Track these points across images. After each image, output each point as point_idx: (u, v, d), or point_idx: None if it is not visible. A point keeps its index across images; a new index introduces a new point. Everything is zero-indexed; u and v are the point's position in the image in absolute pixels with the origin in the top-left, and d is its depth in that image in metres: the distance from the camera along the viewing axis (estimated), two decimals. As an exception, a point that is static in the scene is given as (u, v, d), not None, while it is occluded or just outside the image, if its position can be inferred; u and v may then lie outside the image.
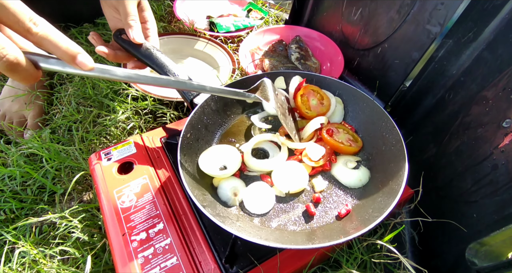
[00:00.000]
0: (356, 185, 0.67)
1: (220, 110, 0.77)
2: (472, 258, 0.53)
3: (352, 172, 0.68)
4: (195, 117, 0.70)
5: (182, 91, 0.72)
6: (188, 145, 0.66)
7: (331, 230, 0.59)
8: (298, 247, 0.50)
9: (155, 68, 0.71)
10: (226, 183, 0.66)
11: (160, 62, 0.71)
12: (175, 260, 0.56)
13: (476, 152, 0.62)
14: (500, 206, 0.53)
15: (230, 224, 0.54)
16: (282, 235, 0.58)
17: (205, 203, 0.56)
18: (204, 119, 0.72)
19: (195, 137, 0.69)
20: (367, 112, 0.75)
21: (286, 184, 0.65)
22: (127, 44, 0.72)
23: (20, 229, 0.73)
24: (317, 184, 0.67)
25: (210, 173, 0.65)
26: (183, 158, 0.62)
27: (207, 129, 0.74)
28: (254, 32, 1.13)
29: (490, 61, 0.64)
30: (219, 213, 0.57)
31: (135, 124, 0.88)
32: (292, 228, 0.61)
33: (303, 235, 0.59)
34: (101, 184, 0.67)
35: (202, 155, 0.67)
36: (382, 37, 0.87)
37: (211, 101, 0.74)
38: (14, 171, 0.79)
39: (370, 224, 0.52)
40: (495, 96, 0.61)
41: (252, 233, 0.54)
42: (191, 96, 0.72)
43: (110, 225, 0.61)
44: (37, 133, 0.89)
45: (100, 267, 0.64)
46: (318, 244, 0.51)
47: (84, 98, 0.96)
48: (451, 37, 0.71)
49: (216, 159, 0.68)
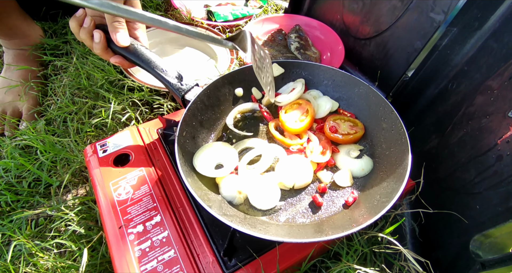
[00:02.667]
0: (359, 174, 0.67)
1: (214, 105, 0.74)
2: (476, 250, 0.53)
3: (354, 161, 0.67)
4: (189, 114, 0.67)
5: (172, 89, 0.68)
6: (185, 144, 0.64)
7: (341, 220, 0.58)
8: (313, 240, 0.49)
9: (140, 64, 0.66)
10: (227, 182, 0.64)
11: (146, 58, 0.66)
12: (173, 253, 0.55)
13: (480, 143, 0.60)
14: (504, 197, 0.52)
15: (239, 223, 0.53)
16: (292, 228, 0.57)
17: (210, 203, 0.55)
18: (198, 116, 0.70)
19: (191, 134, 0.67)
20: (363, 98, 0.74)
21: (291, 178, 0.64)
22: (109, 41, 0.66)
23: (15, 222, 0.72)
24: (323, 176, 0.66)
25: (207, 174, 0.63)
26: (181, 159, 0.60)
27: (203, 126, 0.71)
28: (253, 21, 1.11)
29: (496, 50, 0.63)
30: (225, 212, 0.56)
31: (131, 115, 0.87)
32: (301, 220, 0.60)
33: (313, 227, 0.58)
34: (97, 176, 0.66)
35: (196, 155, 0.65)
36: (384, 26, 0.85)
37: (204, 96, 0.70)
38: (9, 163, 0.78)
39: (381, 210, 0.52)
40: (501, 85, 0.59)
41: (262, 229, 0.54)
42: (182, 93, 0.68)
43: (106, 218, 0.59)
44: (32, 124, 0.87)
45: (97, 259, 0.64)
46: (330, 235, 0.50)
47: (79, 89, 0.94)
48: (455, 25, 0.69)
49: (211, 158, 0.66)
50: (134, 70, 0.94)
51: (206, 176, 0.63)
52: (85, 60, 0.98)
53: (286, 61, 0.80)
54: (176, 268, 0.54)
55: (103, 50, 0.66)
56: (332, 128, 0.72)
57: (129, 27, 0.67)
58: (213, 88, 0.73)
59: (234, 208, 0.61)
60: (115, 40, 0.63)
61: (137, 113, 0.89)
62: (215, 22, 1.16)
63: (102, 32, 0.64)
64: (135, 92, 0.91)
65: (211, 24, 1.14)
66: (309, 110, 0.73)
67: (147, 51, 0.67)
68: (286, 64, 0.80)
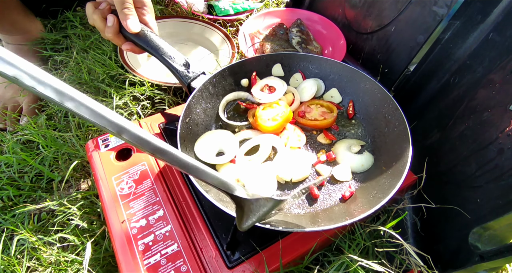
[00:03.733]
0: (358, 170, 0.67)
1: (219, 94, 0.75)
2: (475, 242, 0.53)
3: (355, 157, 0.67)
4: (193, 101, 0.68)
5: (179, 75, 0.69)
6: (188, 130, 0.65)
7: (336, 212, 0.58)
8: (303, 230, 0.50)
9: (150, 51, 0.68)
10: (226, 170, 0.64)
11: (155, 45, 0.68)
12: (176, 247, 0.56)
13: (481, 136, 0.60)
14: (505, 190, 0.53)
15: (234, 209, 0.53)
16: (286, 218, 0.58)
17: (208, 188, 0.55)
18: (203, 104, 0.71)
19: (194, 121, 0.68)
20: (369, 94, 0.74)
21: (289, 172, 0.64)
22: (120, 27, 0.68)
23: (18, 216, 0.72)
24: (322, 170, 0.66)
25: (207, 161, 0.63)
26: (183, 143, 0.61)
27: (206, 114, 0.72)
28: (254, 15, 1.10)
29: (498, 43, 0.62)
30: (222, 198, 0.57)
31: (133, 110, 0.86)
32: (296, 211, 0.61)
33: (307, 217, 0.58)
34: (99, 171, 0.66)
35: (198, 141, 0.66)
36: (386, 20, 0.85)
37: (209, 85, 0.72)
38: (11, 158, 0.78)
39: (376, 205, 0.52)
40: (503, 79, 0.59)
41: None
42: (189, 80, 0.69)
43: (109, 212, 0.60)
44: (33, 119, 0.87)
45: (100, 253, 0.64)
46: (323, 226, 0.50)
47: (80, 83, 0.93)
48: (458, 18, 0.68)
49: (212, 145, 0.67)
50: (135, 65, 0.94)
51: (207, 163, 0.63)
52: (86, 54, 0.98)
53: (293, 53, 0.81)
54: (180, 262, 0.54)
55: (114, 35, 0.68)
56: (300, 113, 0.74)
57: (139, 13, 0.69)
58: (219, 77, 0.74)
59: None
60: (126, 26, 0.65)
61: (139, 108, 0.89)
62: (216, 16, 1.15)
63: (116, 17, 0.67)
64: (136, 87, 0.91)
65: (212, 18, 1.13)
66: (284, 113, 0.71)
67: (157, 38, 0.69)
68: (292, 56, 0.81)
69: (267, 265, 0.54)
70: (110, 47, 0.99)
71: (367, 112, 0.75)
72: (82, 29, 1.07)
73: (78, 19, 1.10)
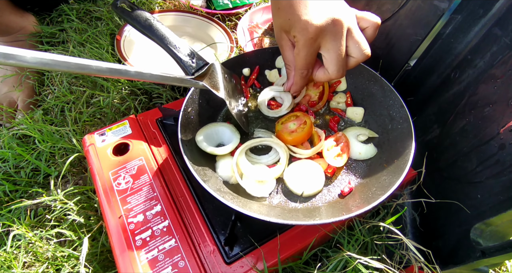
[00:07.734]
0: (354, 156, 0.67)
1: None
2: (477, 238, 0.53)
3: (357, 144, 0.68)
4: (197, 91, 0.68)
5: (184, 65, 0.67)
6: (189, 120, 0.64)
7: (333, 208, 0.58)
8: (300, 223, 0.50)
9: (155, 40, 0.68)
10: (225, 161, 0.64)
11: (160, 34, 0.68)
12: (174, 242, 0.55)
13: (482, 132, 0.60)
14: (506, 186, 0.52)
15: (231, 199, 0.53)
16: (283, 211, 0.57)
17: (206, 178, 0.55)
18: (206, 94, 0.70)
19: (195, 111, 0.67)
20: (375, 90, 0.74)
21: (300, 185, 0.62)
22: (125, 14, 0.68)
23: (14, 212, 0.71)
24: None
25: (205, 149, 0.63)
26: (183, 133, 0.60)
27: (209, 105, 0.71)
28: (253, 9, 1.09)
29: (500, 38, 0.62)
30: (219, 188, 0.56)
31: (130, 104, 0.86)
32: (294, 205, 0.60)
33: (305, 211, 0.58)
34: (96, 165, 0.65)
35: (200, 131, 0.66)
36: (386, 14, 0.84)
37: None
38: (6, 153, 0.77)
39: (374, 201, 0.51)
40: (505, 74, 0.59)
41: (253, 208, 0.53)
42: (193, 70, 0.67)
43: (106, 208, 0.59)
44: (29, 114, 0.86)
45: (97, 248, 0.63)
46: (319, 220, 0.50)
47: (76, 78, 0.92)
48: (459, 12, 0.68)
49: (213, 137, 0.66)
50: (132, 59, 0.92)
51: (206, 153, 0.63)
52: (83, 48, 0.96)
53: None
54: (177, 257, 0.54)
55: None
56: None
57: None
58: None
59: (229, 187, 0.61)
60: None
61: (136, 102, 0.88)
62: (215, 10, 1.14)
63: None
64: (134, 81, 0.90)
65: (210, 12, 1.12)
66: (307, 122, 0.67)
67: (163, 27, 0.69)
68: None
69: (266, 261, 0.54)
70: (107, 41, 0.98)
71: (371, 108, 0.75)
72: (79, 22, 1.05)
73: (75, 12, 1.08)
